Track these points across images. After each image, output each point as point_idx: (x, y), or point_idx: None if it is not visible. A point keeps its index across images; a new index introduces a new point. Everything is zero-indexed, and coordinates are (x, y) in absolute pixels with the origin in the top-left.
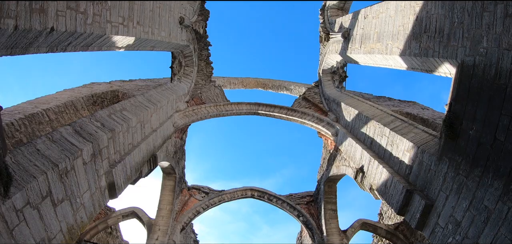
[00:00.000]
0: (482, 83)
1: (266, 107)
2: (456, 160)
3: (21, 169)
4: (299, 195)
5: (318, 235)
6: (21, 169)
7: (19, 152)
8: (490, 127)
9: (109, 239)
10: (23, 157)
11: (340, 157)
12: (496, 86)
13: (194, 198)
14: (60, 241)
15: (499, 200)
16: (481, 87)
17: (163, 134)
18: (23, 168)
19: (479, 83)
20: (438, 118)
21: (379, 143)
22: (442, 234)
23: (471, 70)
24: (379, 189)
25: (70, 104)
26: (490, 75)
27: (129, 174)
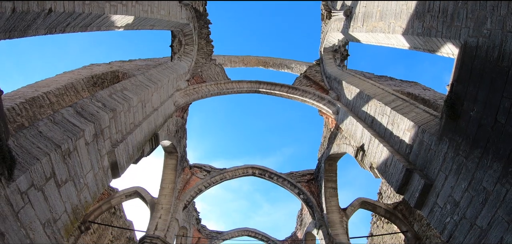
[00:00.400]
0: (484, 64)
1: (267, 85)
2: (456, 140)
3: (24, 151)
4: (300, 173)
5: (318, 213)
6: (24, 151)
7: (22, 135)
8: (491, 109)
9: (113, 219)
10: (25, 140)
11: (341, 136)
12: (499, 68)
13: (196, 176)
14: (65, 222)
15: (498, 182)
16: (484, 68)
17: (164, 113)
18: (26, 150)
19: (481, 65)
20: (439, 99)
21: (380, 122)
22: (440, 214)
23: (474, 51)
24: (379, 168)
25: (71, 86)
26: (493, 57)
27: (131, 153)
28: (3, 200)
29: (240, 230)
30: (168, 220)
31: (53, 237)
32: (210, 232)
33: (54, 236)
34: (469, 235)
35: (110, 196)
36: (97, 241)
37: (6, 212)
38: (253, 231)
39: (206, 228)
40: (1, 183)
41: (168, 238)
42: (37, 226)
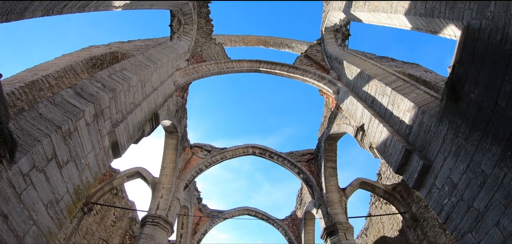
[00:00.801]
0: (487, 47)
1: (267, 65)
2: (456, 122)
3: (25, 134)
4: (300, 152)
5: (318, 192)
6: (25, 134)
7: (22, 118)
8: (492, 92)
9: (115, 200)
10: (26, 122)
11: (341, 115)
12: (501, 51)
13: (197, 156)
14: (67, 202)
15: (496, 166)
16: (486, 51)
17: (164, 92)
18: (27, 133)
19: (484, 47)
20: (440, 81)
21: (380, 102)
22: (438, 195)
23: (476, 33)
24: (378, 148)
25: (70, 69)
26: (496, 40)
27: (132, 133)
28: (6, 183)
29: (240, 209)
30: (170, 200)
31: (56, 218)
32: (211, 211)
33: (57, 217)
34: (466, 217)
35: (112, 177)
36: (100, 222)
37: (8, 194)
38: (254, 210)
39: (207, 207)
40: (2, 166)
41: (170, 217)
42: (40, 207)
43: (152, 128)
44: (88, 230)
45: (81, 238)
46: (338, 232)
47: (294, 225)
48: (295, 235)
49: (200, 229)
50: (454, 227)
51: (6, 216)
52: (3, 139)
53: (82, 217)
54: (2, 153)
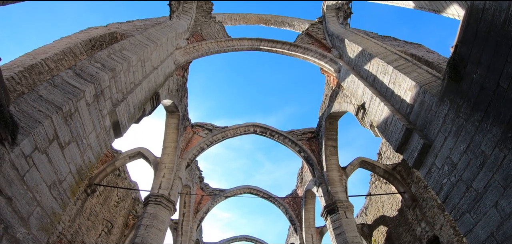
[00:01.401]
0: (490, 28)
1: (268, 43)
2: (457, 102)
3: (26, 116)
4: (301, 131)
5: (318, 171)
6: (26, 116)
7: (23, 101)
8: (495, 73)
9: (118, 181)
10: (26, 105)
11: (342, 94)
12: (505, 32)
13: (198, 135)
14: (70, 183)
15: (496, 147)
16: (489, 32)
17: (164, 71)
18: (28, 115)
19: (487, 28)
20: (443, 62)
21: (381, 80)
22: (438, 175)
23: (480, 13)
24: (379, 126)
25: (69, 51)
26: (499, 20)
27: (133, 112)
28: (8, 165)
29: (242, 188)
30: (172, 179)
31: (59, 199)
32: (213, 190)
33: (61, 197)
34: (465, 197)
35: (114, 158)
36: (103, 203)
37: (12, 176)
38: (255, 189)
39: (208, 186)
40: (5, 148)
41: (172, 196)
42: (43, 188)
43: (153, 107)
44: (92, 211)
45: (86, 219)
46: (338, 210)
47: (295, 203)
48: (295, 213)
49: (202, 208)
50: (453, 207)
51: (10, 198)
52: (4, 122)
53: (85, 198)
54: (4, 136)
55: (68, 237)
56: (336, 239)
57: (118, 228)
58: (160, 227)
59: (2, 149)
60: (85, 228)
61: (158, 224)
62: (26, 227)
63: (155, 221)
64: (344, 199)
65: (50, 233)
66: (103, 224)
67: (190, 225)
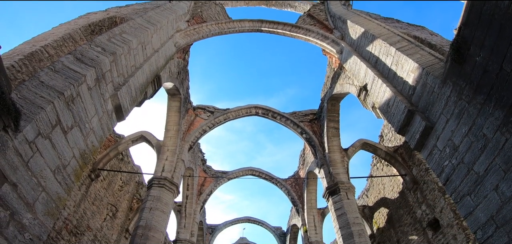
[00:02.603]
0: (494, 10)
1: (270, 24)
2: (460, 85)
3: (28, 102)
4: (303, 113)
5: (320, 152)
6: (28, 102)
7: (24, 87)
8: (498, 56)
9: (121, 165)
10: (28, 91)
11: (344, 75)
12: (509, 15)
13: (200, 117)
14: (74, 167)
15: (498, 130)
16: (493, 14)
17: (165, 54)
18: (30, 101)
19: (491, 10)
20: (446, 45)
21: (384, 62)
22: (439, 157)
23: None
24: (381, 108)
25: (68, 37)
26: (504, 3)
27: (134, 96)
28: (12, 152)
29: (244, 170)
30: (174, 161)
31: (64, 183)
32: (216, 172)
33: (65, 182)
34: (466, 179)
35: (117, 142)
36: (107, 187)
37: (16, 163)
38: (257, 170)
39: (211, 169)
40: (8, 135)
41: (175, 178)
42: (48, 173)
43: (155, 90)
44: (96, 196)
45: (90, 204)
46: (340, 192)
47: (297, 185)
48: (297, 195)
49: (205, 190)
50: (454, 189)
51: (16, 184)
52: (7, 109)
53: (90, 183)
54: (7, 123)
55: (73, 223)
56: (337, 220)
57: (122, 212)
58: (164, 209)
59: (6, 136)
60: (90, 213)
61: (162, 206)
62: (32, 213)
63: (159, 203)
64: (346, 180)
65: (55, 217)
66: (107, 209)
67: (193, 207)
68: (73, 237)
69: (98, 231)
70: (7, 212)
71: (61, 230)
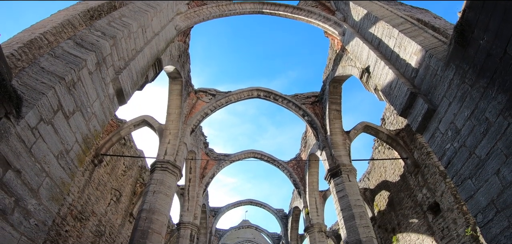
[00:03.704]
0: None
1: (271, 6)
2: (463, 68)
3: (29, 89)
4: (304, 95)
5: (322, 134)
6: (29, 89)
7: (25, 74)
8: (502, 40)
9: (124, 150)
10: (29, 78)
11: (347, 57)
12: None
13: (202, 100)
14: (77, 152)
15: (501, 114)
16: None
17: (165, 37)
18: (31, 87)
19: None
20: (449, 28)
21: (386, 44)
22: (441, 140)
23: None
24: (383, 90)
25: (67, 23)
26: None
27: (136, 79)
28: (15, 138)
29: (246, 152)
30: (177, 145)
31: (67, 168)
32: (218, 155)
33: (69, 167)
34: (467, 163)
35: (119, 127)
36: (111, 172)
37: (19, 149)
38: (260, 153)
39: (213, 152)
40: (10, 122)
41: (178, 161)
42: (51, 159)
43: (156, 74)
44: (100, 181)
45: (94, 189)
46: (341, 174)
47: (298, 167)
48: (299, 177)
49: (207, 173)
50: (455, 173)
51: (19, 171)
52: (8, 96)
53: (93, 169)
54: (9, 110)
55: (78, 208)
56: (339, 202)
57: (126, 196)
58: (167, 192)
59: (8, 123)
60: (94, 198)
61: (165, 189)
62: (36, 198)
63: (162, 187)
64: (348, 162)
65: (60, 202)
66: (111, 193)
67: (196, 190)
68: (78, 222)
69: (103, 216)
70: (12, 198)
71: (66, 216)
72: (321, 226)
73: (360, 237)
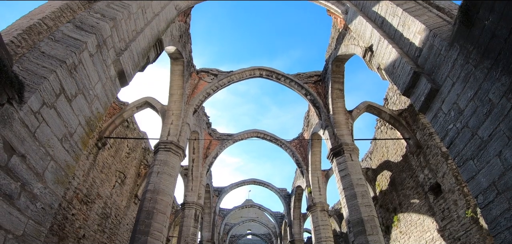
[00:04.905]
0: None
1: None
2: (467, 48)
3: (30, 74)
4: (307, 74)
5: (325, 113)
6: (31, 73)
7: (25, 59)
8: (507, 21)
9: (127, 132)
10: (30, 63)
11: (349, 36)
12: None
13: (204, 81)
14: (81, 134)
15: (504, 96)
16: None
17: (165, 17)
18: (32, 72)
19: None
20: (454, 9)
21: (390, 23)
22: (444, 120)
23: None
24: (386, 69)
25: (66, 7)
26: None
27: (137, 60)
28: (18, 123)
29: (249, 132)
30: (180, 125)
31: (72, 151)
32: (221, 135)
33: (73, 150)
34: (470, 144)
35: (122, 110)
36: (115, 155)
37: (23, 134)
38: (262, 133)
39: (216, 132)
40: (13, 108)
41: (181, 142)
42: (55, 142)
43: (157, 54)
44: (104, 164)
45: (99, 172)
46: (344, 153)
47: (301, 147)
48: (302, 156)
49: (211, 153)
50: (457, 153)
51: (24, 155)
52: (10, 82)
53: (97, 152)
54: (11, 95)
55: (83, 192)
56: (341, 181)
57: (131, 178)
58: (171, 173)
59: (11, 109)
60: (99, 181)
61: (169, 170)
62: (42, 182)
63: (166, 167)
64: (350, 142)
65: (65, 185)
66: (116, 176)
67: (200, 170)
68: (84, 205)
69: (108, 198)
70: (17, 183)
71: (72, 200)
72: (324, 205)
73: (361, 216)
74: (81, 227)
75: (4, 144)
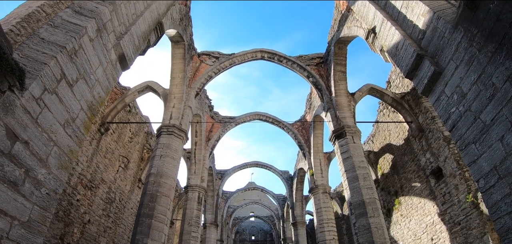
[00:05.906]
0: None
1: None
2: (471, 31)
3: (30, 60)
4: (309, 56)
5: (327, 96)
6: (31, 60)
7: (25, 46)
8: None
9: (129, 117)
10: (29, 49)
11: (352, 18)
12: None
13: (205, 63)
14: (83, 119)
15: (508, 80)
16: None
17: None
18: (32, 58)
19: None
20: None
21: (393, 4)
22: (446, 103)
23: None
24: (389, 51)
25: None
26: None
27: (137, 44)
28: (20, 110)
29: (251, 114)
30: (182, 108)
31: (74, 136)
32: (223, 118)
33: (76, 135)
34: (472, 127)
35: (123, 94)
36: (117, 140)
37: (25, 120)
38: (264, 115)
39: (218, 114)
40: (15, 95)
41: (183, 125)
42: (58, 128)
43: (158, 38)
44: (107, 149)
45: (102, 157)
46: (346, 135)
47: (303, 129)
48: (304, 139)
49: (213, 136)
50: (459, 137)
51: (27, 142)
52: (10, 69)
53: (100, 137)
54: (12, 82)
55: (88, 177)
56: (343, 163)
57: (134, 163)
58: (174, 156)
59: (12, 96)
60: (103, 166)
61: (171, 153)
62: (46, 168)
63: (168, 150)
64: (352, 124)
65: (69, 170)
66: (119, 160)
67: (202, 153)
68: (89, 191)
69: (112, 183)
70: (21, 169)
71: (76, 186)
72: (326, 187)
73: (363, 198)
74: (86, 212)
75: (7, 131)
